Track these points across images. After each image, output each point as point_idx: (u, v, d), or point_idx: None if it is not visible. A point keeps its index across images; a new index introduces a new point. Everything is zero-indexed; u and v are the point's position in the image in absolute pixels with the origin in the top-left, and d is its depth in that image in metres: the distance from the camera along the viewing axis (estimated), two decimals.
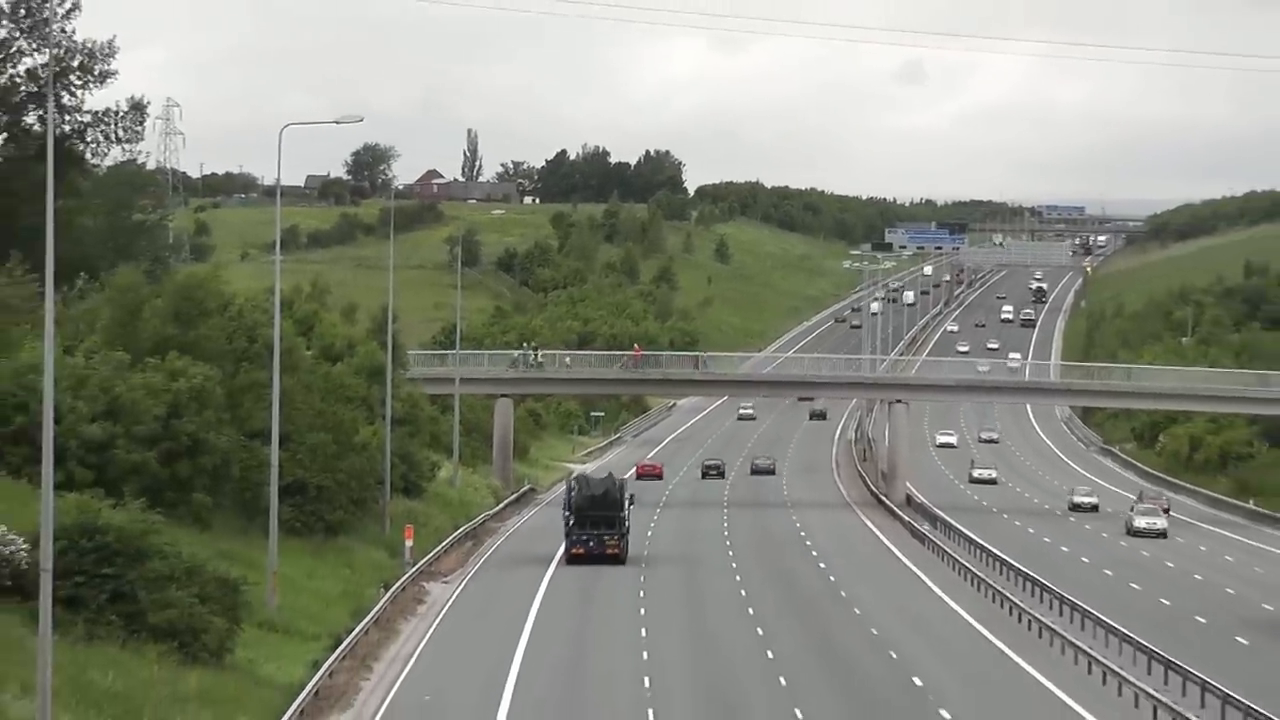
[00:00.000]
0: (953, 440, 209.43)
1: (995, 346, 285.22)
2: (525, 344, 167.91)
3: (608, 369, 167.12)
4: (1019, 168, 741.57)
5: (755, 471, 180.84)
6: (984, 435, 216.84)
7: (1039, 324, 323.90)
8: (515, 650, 74.51)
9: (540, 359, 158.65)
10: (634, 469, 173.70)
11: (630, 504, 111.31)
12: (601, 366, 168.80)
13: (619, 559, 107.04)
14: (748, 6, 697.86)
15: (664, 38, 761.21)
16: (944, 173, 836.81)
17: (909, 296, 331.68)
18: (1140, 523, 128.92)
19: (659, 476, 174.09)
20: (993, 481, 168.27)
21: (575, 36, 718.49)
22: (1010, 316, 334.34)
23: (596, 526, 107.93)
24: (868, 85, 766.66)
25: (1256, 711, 60.20)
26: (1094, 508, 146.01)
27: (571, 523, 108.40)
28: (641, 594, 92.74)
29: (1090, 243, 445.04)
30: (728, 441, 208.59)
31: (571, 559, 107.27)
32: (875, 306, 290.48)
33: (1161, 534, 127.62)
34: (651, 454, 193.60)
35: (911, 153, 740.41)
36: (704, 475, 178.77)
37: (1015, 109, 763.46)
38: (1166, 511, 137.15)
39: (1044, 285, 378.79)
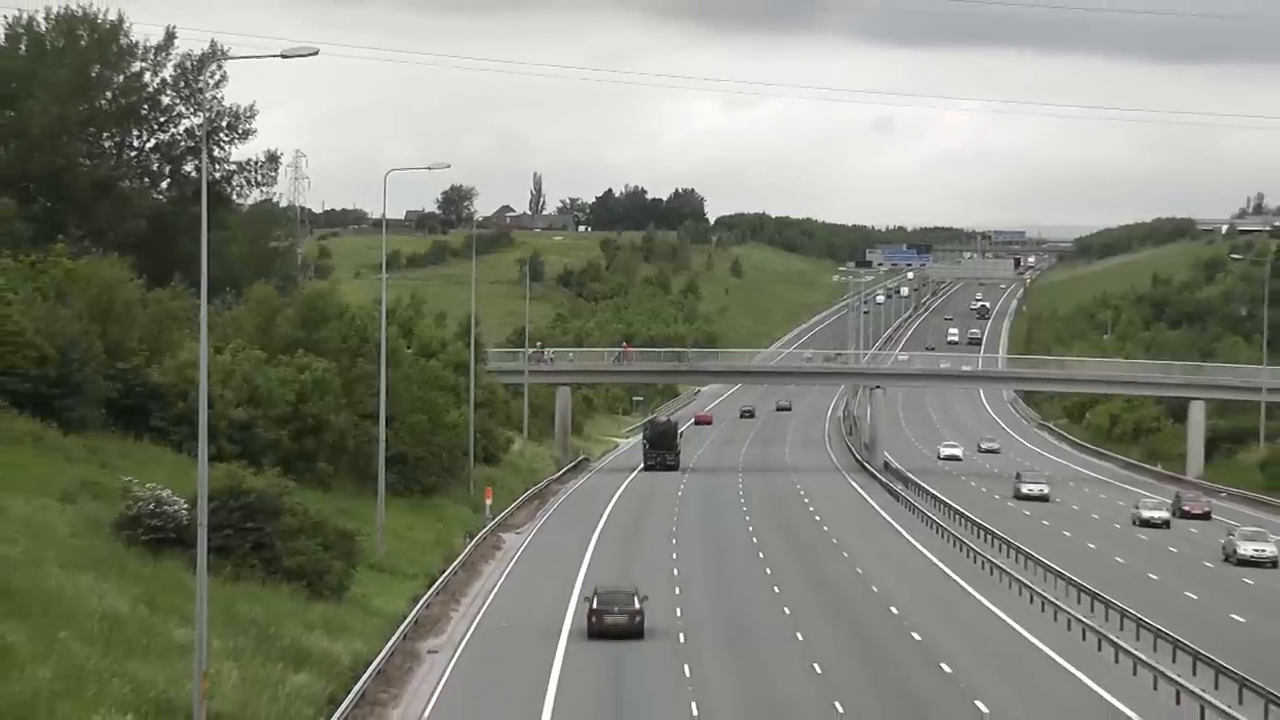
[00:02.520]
0: (958, 452, 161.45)
1: (955, 339, 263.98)
2: (539, 344, 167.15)
3: (601, 361, 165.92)
4: (971, 200, 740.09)
5: (779, 409, 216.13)
6: (984, 445, 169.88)
7: (984, 336, 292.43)
8: (577, 577, 74.63)
9: (552, 355, 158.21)
10: (693, 418, 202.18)
11: (680, 436, 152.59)
12: (585, 360, 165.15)
13: (675, 467, 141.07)
14: (753, 74, 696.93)
15: (687, 99, 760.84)
16: (912, 204, 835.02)
17: (904, 290, 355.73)
18: (1247, 550, 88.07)
19: (709, 423, 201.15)
20: (1044, 498, 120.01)
21: (618, 98, 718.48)
22: (956, 338, 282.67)
23: (661, 449, 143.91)
24: (850, 135, 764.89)
25: (1164, 632, 59.98)
26: (1165, 524, 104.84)
27: (647, 447, 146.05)
28: (677, 512, 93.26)
29: (1023, 262, 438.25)
30: (756, 401, 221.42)
31: (647, 468, 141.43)
32: (880, 298, 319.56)
33: (1273, 563, 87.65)
34: (707, 408, 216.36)
35: (886, 188, 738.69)
36: (741, 416, 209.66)
37: (966, 152, 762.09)
38: (1208, 515, 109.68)
39: (986, 304, 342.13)
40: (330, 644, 53.40)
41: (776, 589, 74.81)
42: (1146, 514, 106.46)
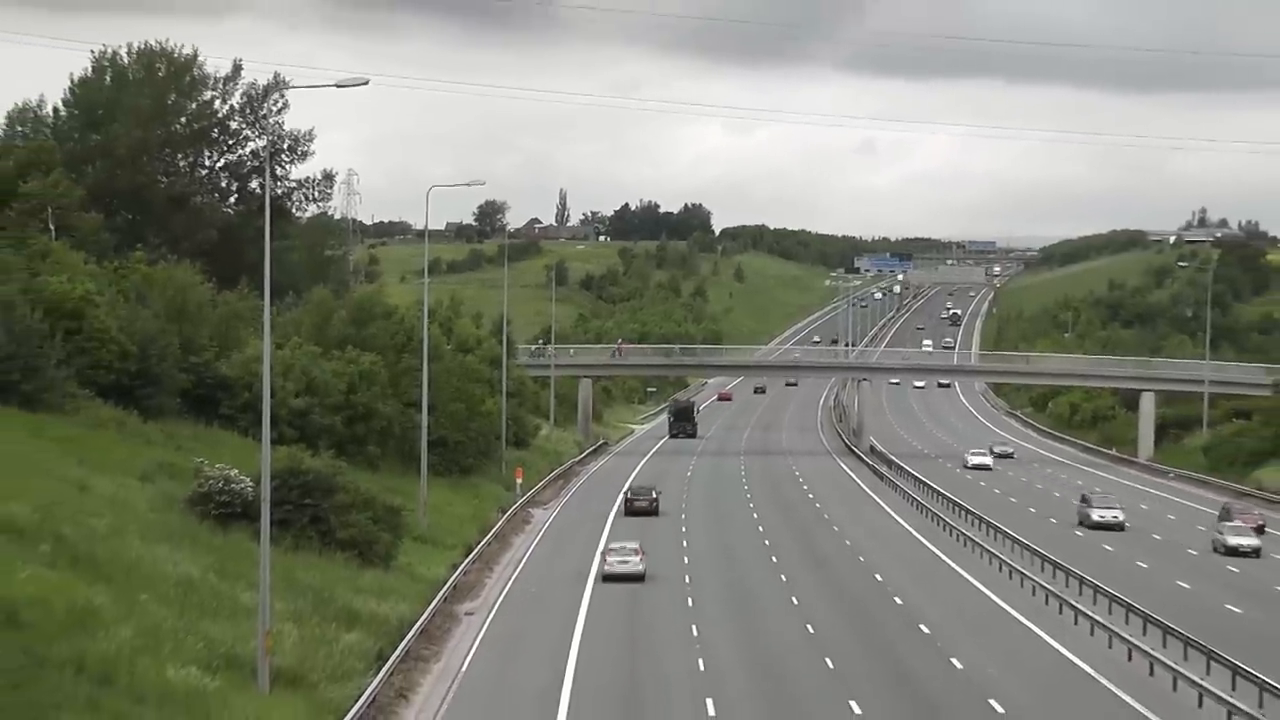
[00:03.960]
0: (988, 461, 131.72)
1: (921, 385, 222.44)
2: (540, 341, 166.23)
3: (600, 356, 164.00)
4: (947, 213, 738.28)
5: (788, 384, 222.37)
6: (997, 450, 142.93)
7: (957, 344, 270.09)
8: (596, 548, 74.60)
9: (553, 350, 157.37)
10: (716, 395, 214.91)
11: (698, 412, 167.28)
12: (583, 356, 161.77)
13: (693, 435, 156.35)
14: (752, 102, 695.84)
15: (694, 124, 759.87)
16: (895, 217, 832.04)
17: (896, 289, 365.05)
18: None
19: (729, 399, 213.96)
20: (1120, 526, 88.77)
21: (633, 123, 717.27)
22: (930, 350, 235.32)
23: (682, 421, 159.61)
24: (839, 156, 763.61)
25: (1119, 597, 59.86)
26: (1255, 551, 79.77)
27: (672, 420, 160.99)
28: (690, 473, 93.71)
29: (991, 271, 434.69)
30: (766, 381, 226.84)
31: (672, 436, 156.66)
32: (878, 294, 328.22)
33: None
34: (727, 387, 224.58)
35: (871, 203, 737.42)
36: (755, 392, 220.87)
37: (943, 171, 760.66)
38: (1262, 530, 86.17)
39: (957, 311, 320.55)
40: (378, 606, 53.43)
41: (774, 559, 74.79)
42: (1234, 540, 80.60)
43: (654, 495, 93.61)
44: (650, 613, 59.11)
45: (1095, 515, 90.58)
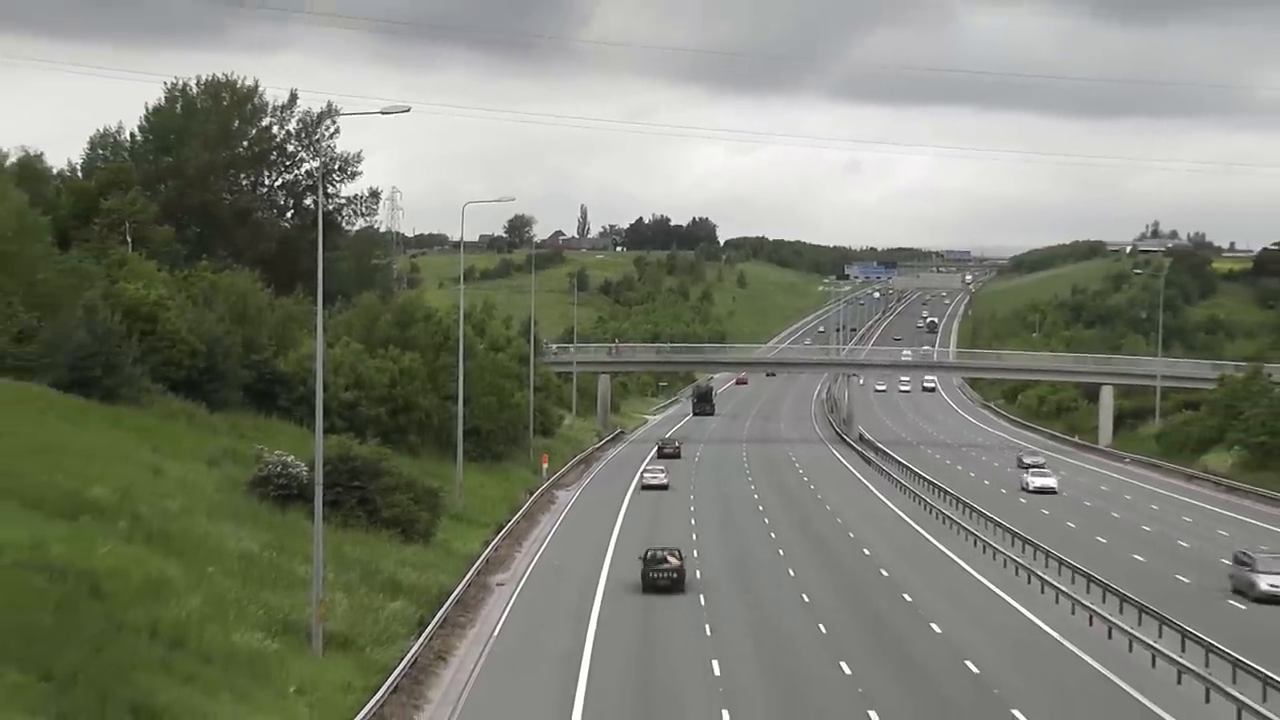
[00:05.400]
0: (1053, 483, 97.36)
1: (907, 390, 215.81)
2: (546, 340, 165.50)
3: (602, 354, 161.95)
4: (927, 225, 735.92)
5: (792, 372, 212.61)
6: (1027, 460, 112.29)
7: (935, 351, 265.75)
8: (615, 524, 74.58)
9: (557, 348, 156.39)
10: (734, 379, 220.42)
11: (715, 394, 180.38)
12: (584, 354, 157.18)
13: (711, 413, 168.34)
14: (751, 126, 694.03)
15: (700, 146, 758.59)
16: (880, 229, 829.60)
17: (890, 290, 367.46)
18: None
19: (745, 383, 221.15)
20: None
21: (646, 145, 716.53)
22: (911, 359, 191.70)
23: (703, 402, 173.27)
24: (829, 174, 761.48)
25: (1080, 569, 59.75)
26: None
27: (694, 402, 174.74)
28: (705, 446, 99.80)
29: (965, 278, 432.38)
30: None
31: (695, 415, 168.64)
32: (876, 294, 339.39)
33: None
34: (743, 372, 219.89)
35: (859, 217, 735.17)
36: (767, 375, 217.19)
37: (923, 188, 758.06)
38: None
39: (935, 319, 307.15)
40: (419, 578, 53.48)
41: (773, 535, 74.75)
42: None
43: (677, 444, 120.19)
44: (663, 611, 59.02)
45: (1264, 584, 56.53)
